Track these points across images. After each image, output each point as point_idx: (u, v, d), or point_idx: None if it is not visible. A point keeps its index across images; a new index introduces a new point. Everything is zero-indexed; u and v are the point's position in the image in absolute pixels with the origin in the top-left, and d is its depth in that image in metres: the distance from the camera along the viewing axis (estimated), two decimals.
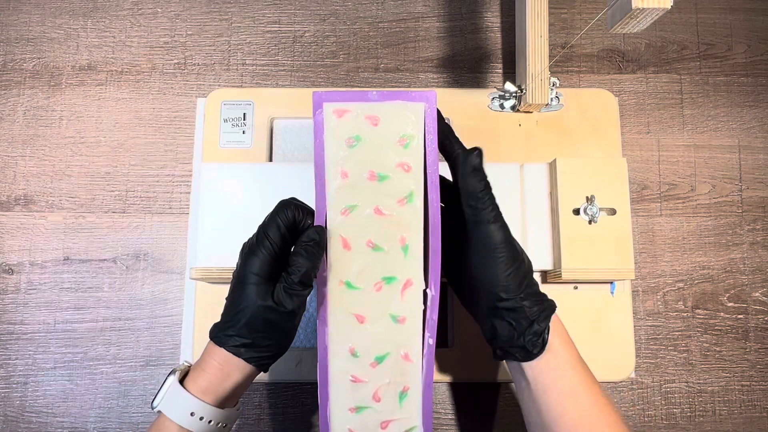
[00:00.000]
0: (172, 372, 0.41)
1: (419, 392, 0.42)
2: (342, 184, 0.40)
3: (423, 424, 0.43)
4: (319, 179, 0.41)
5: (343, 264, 0.41)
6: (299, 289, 0.39)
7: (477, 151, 0.42)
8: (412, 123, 0.40)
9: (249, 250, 0.40)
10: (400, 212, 0.40)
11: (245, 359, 0.40)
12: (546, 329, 0.41)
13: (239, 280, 0.40)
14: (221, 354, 0.40)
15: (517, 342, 0.41)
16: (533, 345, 0.41)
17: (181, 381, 0.40)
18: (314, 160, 0.41)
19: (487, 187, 0.42)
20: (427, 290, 0.41)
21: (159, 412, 0.40)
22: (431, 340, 0.42)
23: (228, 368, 0.40)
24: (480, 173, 0.42)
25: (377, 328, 0.41)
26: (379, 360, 0.41)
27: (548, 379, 0.41)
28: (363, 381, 0.42)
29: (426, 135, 0.40)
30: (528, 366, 0.42)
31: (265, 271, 0.39)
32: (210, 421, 0.39)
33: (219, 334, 0.40)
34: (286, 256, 0.40)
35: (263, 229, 0.40)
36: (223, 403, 0.41)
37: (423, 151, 0.40)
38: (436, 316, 0.41)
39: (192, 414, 0.39)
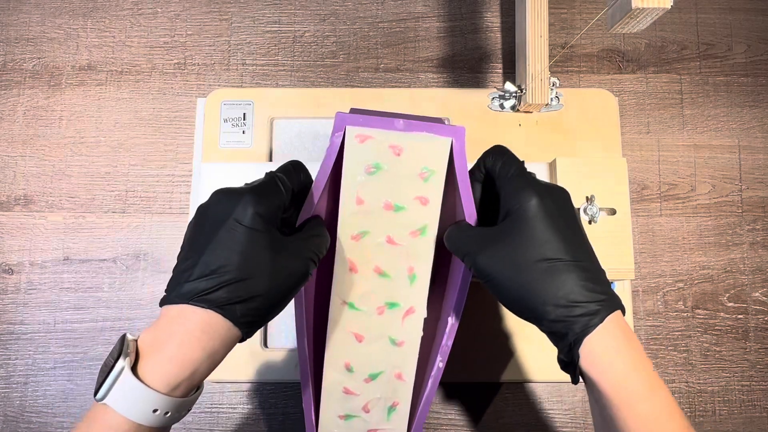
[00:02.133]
0: (120, 355, 0.31)
1: (407, 408, 0.44)
2: (356, 210, 0.39)
3: None
4: (315, 194, 0.39)
5: (347, 285, 0.40)
6: (317, 260, 0.36)
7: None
8: (435, 158, 0.38)
9: (257, 190, 0.34)
10: (412, 243, 0.40)
11: (239, 321, 0.32)
12: (573, 360, 0.33)
13: (236, 220, 0.32)
14: (202, 320, 0.31)
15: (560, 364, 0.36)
16: (566, 371, 0.35)
17: (134, 366, 0.31)
18: (317, 176, 0.39)
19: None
20: (449, 318, 0.41)
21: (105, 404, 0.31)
22: (441, 364, 0.42)
23: (211, 342, 0.31)
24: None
25: (375, 348, 0.42)
26: (373, 377, 0.42)
27: (605, 410, 0.33)
28: (355, 394, 0.43)
29: (458, 172, 0.39)
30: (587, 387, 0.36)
31: (273, 221, 0.34)
32: (176, 414, 0.32)
33: (201, 293, 0.31)
34: (283, 217, 0.36)
35: (277, 175, 0.36)
36: (190, 390, 0.33)
37: (443, 186, 0.39)
38: (451, 343, 0.42)
39: (155, 411, 0.31)
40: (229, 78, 0.63)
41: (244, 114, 0.61)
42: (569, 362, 0.34)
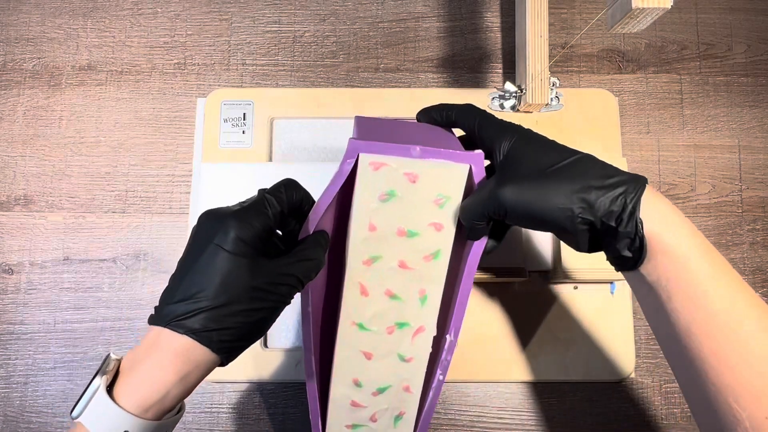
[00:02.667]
0: (98, 373, 0.32)
1: (414, 415, 0.44)
2: (368, 236, 0.38)
3: None
4: (312, 218, 0.38)
5: (357, 308, 0.40)
6: (301, 286, 0.35)
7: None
8: (452, 184, 0.37)
9: (240, 214, 0.34)
10: (425, 267, 0.39)
11: (215, 348, 0.32)
12: (636, 230, 0.32)
13: (218, 245, 0.32)
14: (177, 345, 0.31)
15: (609, 254, 0.35)
16: (631, 251, 0.33)
17: (111, 385, 0.32)
18: (320, 199, 0.38)
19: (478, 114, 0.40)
20: (447, 336, 0.41)
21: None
22: (441, 377, 0.43)
23: (185, 366, 0.32)
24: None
25: (383, 364, 0.42)
26: (381, 391, 0.43)
27: (670, 283, 0.33)
28: (363, 406, 0.43)
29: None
30: (643, 271, 0.34)
31: (256, 244, 0.33)
32: None
33: (178, 317, 0.32)
34: (271, 238, 0.36)
35: (265, 196, 0.35)
36: (165, 413, 0.33)
37: (457, 212, 0.38)
38: (450, 358, 0.42)
39: None
40: (229, 78, 0.63)
41: (244, 114, 0.61)
42: (632, 234, 0.33)
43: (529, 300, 0.58)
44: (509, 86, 0.61)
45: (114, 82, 0.63)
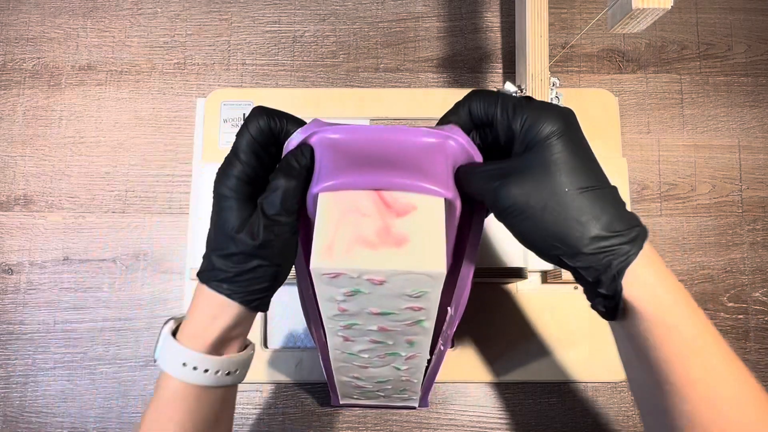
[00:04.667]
0: (168, 320, 0.36)
1: (418, 387, 0.46)
2: (340, 314, 0.35)
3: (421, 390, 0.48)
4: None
5: (344, 348, 0.39)
6: (278, 217, 0.33)
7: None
8: (429, 283, 0.31)
9: (220, 169, 0.35)
10: (409, 328, 0.36)
11: (228, 295, 0.34)
12: (616, 292, 0.31)
13: (214, 206, 0.35)
14: (205, 292, 0.34)
15: (590, 301, 0.33)
16: (605, 309, 0.32)
17: (176, 330, 0.35)
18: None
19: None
20: (449, 309, 0.39)
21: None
22: (443, 347, 0.43)
23: (214, 310, 0.34)
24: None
25: (380, 371, 0.43)
26: (382, 383, 0.45)
27: (647, 342, 0.31)
28: (367, 387, 0.46)
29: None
30: (619, 324, 0.33)
31: (242, 191, 0.34)
32: (206, 370, 0.34)
33: (202, 270, 0.35)
34: (265, 178, 0.35)
35: (234, 144, 0.35)
36: (217, 349, 0.35)
37: (439, 297, 0.33)
38: (452, 332, 0.41)
39: (184, 364, 0.34)
40: (229, 78, 0.63)
41: (244, 114, 0.61)
42: (610, 296, 0.31)
43: (529, 300, 0.58)
44: (509, 86, 0.60)
45: (114, 82, 0.63)
